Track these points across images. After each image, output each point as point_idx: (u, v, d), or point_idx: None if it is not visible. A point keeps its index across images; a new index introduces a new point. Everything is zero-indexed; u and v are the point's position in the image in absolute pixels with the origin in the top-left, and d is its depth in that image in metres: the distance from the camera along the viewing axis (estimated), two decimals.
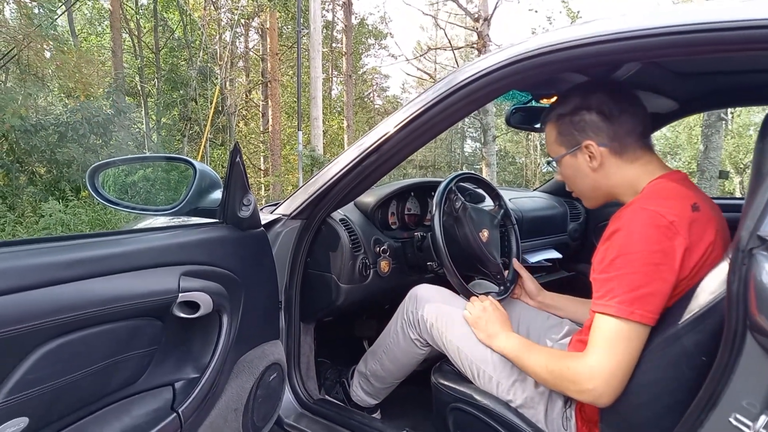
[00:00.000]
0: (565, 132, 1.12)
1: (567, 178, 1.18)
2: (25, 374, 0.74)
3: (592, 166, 1.10)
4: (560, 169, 1.17)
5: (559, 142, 1.14)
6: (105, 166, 1.21)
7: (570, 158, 1.13)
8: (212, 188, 1.19)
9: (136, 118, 11.25)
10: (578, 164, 1.12)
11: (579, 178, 1.15)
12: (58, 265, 0.79)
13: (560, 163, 1.16)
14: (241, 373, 1.19)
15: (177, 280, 0.96)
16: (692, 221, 0.94)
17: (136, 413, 0.95)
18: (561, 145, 1.14)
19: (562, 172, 1.17)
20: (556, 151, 1.16)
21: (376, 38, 21.52)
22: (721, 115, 5.82)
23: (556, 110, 1.14)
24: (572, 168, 1.14)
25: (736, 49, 0.85)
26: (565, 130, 1.12)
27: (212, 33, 13.36)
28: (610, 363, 0.93)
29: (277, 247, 1.39)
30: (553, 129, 1.15)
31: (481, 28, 9.45)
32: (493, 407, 1.18)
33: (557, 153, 1.15)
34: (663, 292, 0.92)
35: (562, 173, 1.18)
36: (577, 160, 1.12)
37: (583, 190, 1.17)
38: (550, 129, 1.16)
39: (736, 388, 0.76)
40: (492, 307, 1.29)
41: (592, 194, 1.16)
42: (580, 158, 1.11)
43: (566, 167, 1.15)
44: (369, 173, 1.33)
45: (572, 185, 1.19)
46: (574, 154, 1.12)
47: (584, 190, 1.17)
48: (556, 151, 1.16)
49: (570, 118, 1.11)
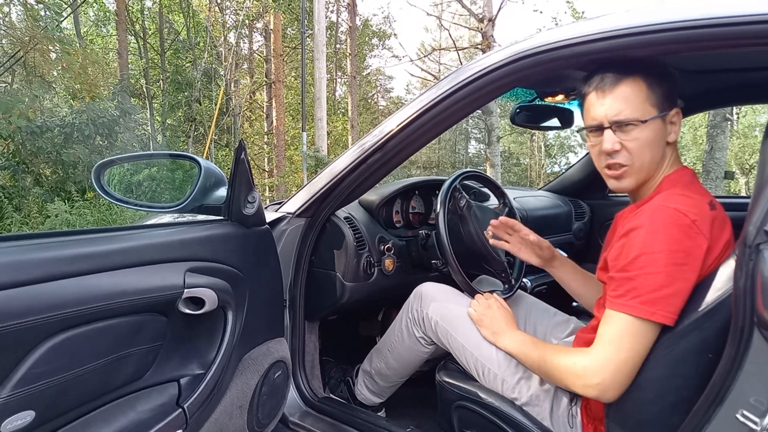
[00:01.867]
0: (661, 91, 0.99)
1: (638, 147, 1.00)
2: (31, 368, 0.74)
3: (671, 138, 1.02)
4: (634, 134, 0.99)
5: (650, 102, 0.98)
6: (110, 164, 1.21)
7: (659, 122, 0.99)
8: (217, 185, 1.20)
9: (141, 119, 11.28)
10: (662, 131, 1.00)
11: (653, 147, 1.00)
12: (63, 260, 0.79)
13: (643, 127, 0.98)
14: (246, 370, 1.19)
15: (182, 276, 0.96)
16: (712, 220, 0.93)
17: (141, 408, 0.95)
18: (652, 105, 0.98)
19: (638, 136, 0.99)
20: (646, 111, 0.98)
21: (380, 39, 21.54)
22: (727, 115, 5.79)
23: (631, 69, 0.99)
24: (655, 134, 0.99)
25: (742, 44, 0.84)
26: (659, 88, 0.99)
27: (217, 34, 13.40)
28: (617, 358, 0.93)
29: (282, 245, 1.39)
30: (641, 84, 0.98)
31: (486, 29, 9.43)
32: (499, 405, 1.18)
33: (647, 113, 0.98)
34: (685, 292, 0.90)
35: (636, 139, 0.99)
36: (665, 126, 1.01)
37: (644, 164, 1.01)
38: (636, 84, 0.98)
39: (743, 384, 0.76)
40: (497, 304, 1.29)
41: (645, 171, 1.03)
42: (667, 124, 1.01)
43: (648, 131, 0.99)
44: (373, 171, 1.33)
45: (639, 155, 1.00)
46: (664, 119, 1.00)
47: (645, 163, 1.01)
48: (645, 111, 0.98)
49: (659, 79, 0.99)
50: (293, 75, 18.17)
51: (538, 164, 25.12)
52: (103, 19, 16.37)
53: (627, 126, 0.99)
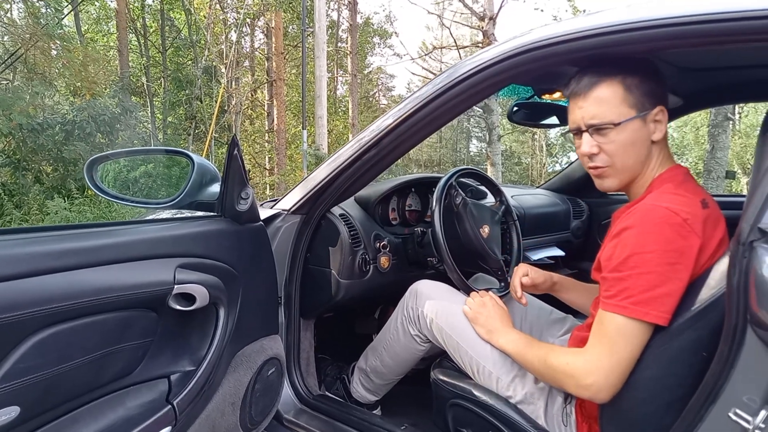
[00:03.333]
0: (641, 91, 0.98)
1: (617, 149, 1.00)
2: (16, 363, 0.73)
3: (656, 137, 1.00)
4: (611, 136, 0.99)
5: (628, 103, 0.97)
6: (103, 159, 1.20)
7: (638, 123, 0.98)
8: (211, 182, 1.19)
9: (142, 117, 11.30)
10: (643, 131, 0.99)
11: (634, 148, 1.00)
12: (50, 255, 0.79)
13: (619, 129, 0.98)
14: (239, 367, 1.19)
15: (173, 272, 0.96)
16: (705, 219, 0.92)
17: (130, 404, 0.95)
18: (630, 106, 0.98)
19: (615, 139, 0.99)
20: (622, 113, 0.98)
21: (381, 37, 21.52)
22: (728, 114, 5.77)
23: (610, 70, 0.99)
24: (635, 134, 0.99)
25: (741, 40, 0.84)
26: (638, 88, 0.98)
27: (218, 32, 13.39)
28: (610, 359, 0.92)
29: (277, 242, 1.39)
30: (617, 86, 0.98)
31: (487, 27, 9.42)
32: (493, 403, 1.17)
33: (622, 115, 0.97)
34: (678, 292, 0.89)
35: (613, 141, 0.99)
36: (646, 126, 0.99)
37: (626, 165, 1.01)
38: (612, 87, 0.98)
39: (736, 382, 0.75)
40: (492, 302, 1.28)
41: (629, 172, 1.03)
42: (649, 124, 1.00)
43: (627, 133, 0.98)
44: (369, 168, 1.32)
45: (620, 156, 1.00)
46: (644, 119, 0.99)
47: (628, 164, 1.01)
48: (620, 113, 0.98)
49: (640, 78, 0.98)
50: (294, 73, 18.15)
51: (539, 163, 25.09)
52: (103, 16, 16.36)
53: (603, 129, 0.99)
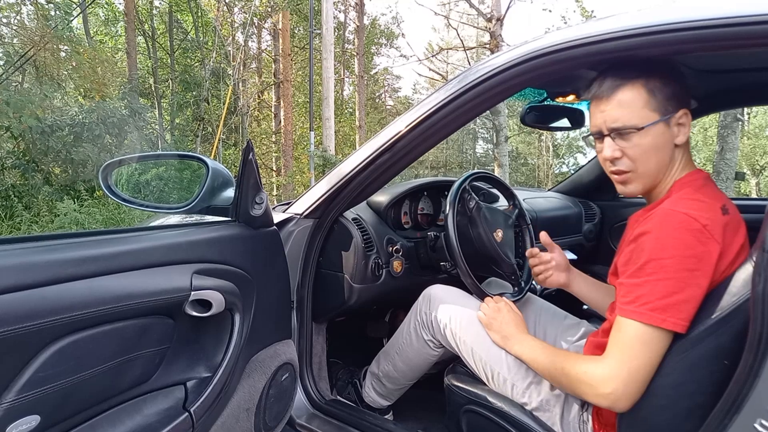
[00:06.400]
0: (664, 94, 0.96)
1: (640, 153, 0.98)
2: (36, 372, 0.73)
3: (679, 140, 0.98)
4: (634, 141, 0.97)
5: (651, 106, 0.96)
6: (118, 164, 1.21)
7: (662, 126, 0.96)
8: (225, 186, 1.19)
9: (150, 118, 11.35)
10: (666, 135, 0.97)
11: (658, 152, 0.98)
12: (70, 262, 0.79)
13: (642, 133, 0.96)
14: (253, 372, 1.19)
15: (189, 279, 0.95)
16: (725, 224, 0.91)
17: (147, 412, 0.95)
18: (653, 110, 0.96)
19: (638, 143, 0.97)
20: (645, 117, 0.96)
21: (387, 39, 21.52)
22: (738, 115, 5.73)
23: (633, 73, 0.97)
24: (658, 138, 0.97)
25: (755, 44, 0.82)
26: (661, 91, 0.96)
27: (225, 34, 13.44)
28: (629, 367, 0.91)
29: (290, 246, 1.38)
30: (640, 89, 0.96)
31: (494, 29, 9.39)
32: (508, 410, 1.16)
33: (646, 119, 0.95)
34: (697, 299, 0.88)
35: (636, 145, 0.97)
36: (669, 130, 0.97)
37: (649, 169, 0.99)
38: (635, 90, 0.96)
39: (761, 392, 0.74)
40: (507, 308, 1.27)
41: (652, 176, 1.01)
42: (672, 127, 0.98)
43: (650, 137, 0.96)
44: (382, 172, 1.32)
45: (643, 161, 0.99)
46: (668, 122, 0.97)
47: (651, 169, 0.99)
48: (643, 116, 0.96)
49: (663, 81, 0.96)
50: (301, 75, 18.18)
51: (546, 164, 25.02)
52: (112, 19, 16.47)
53: (626, 133, 0.97)
